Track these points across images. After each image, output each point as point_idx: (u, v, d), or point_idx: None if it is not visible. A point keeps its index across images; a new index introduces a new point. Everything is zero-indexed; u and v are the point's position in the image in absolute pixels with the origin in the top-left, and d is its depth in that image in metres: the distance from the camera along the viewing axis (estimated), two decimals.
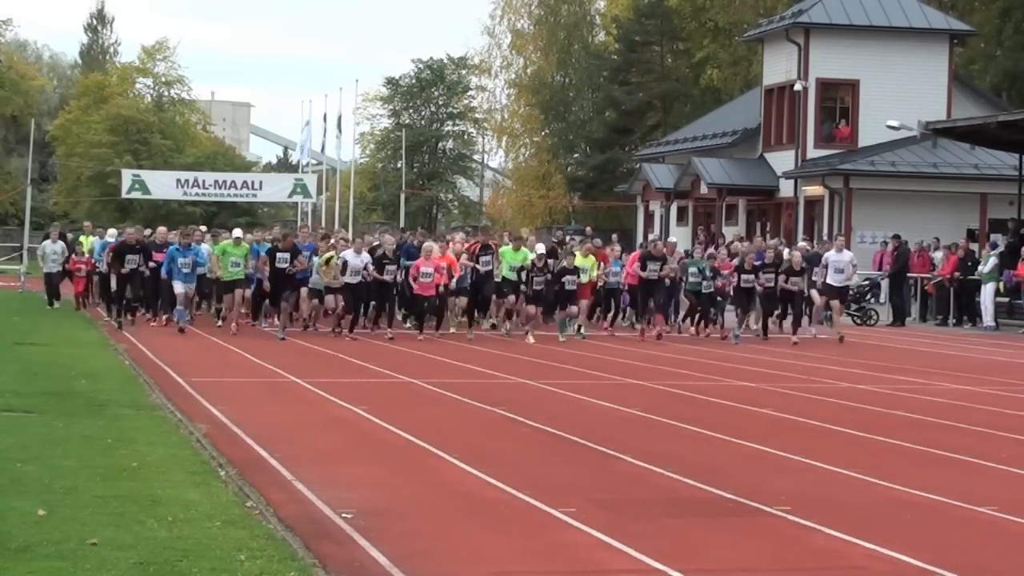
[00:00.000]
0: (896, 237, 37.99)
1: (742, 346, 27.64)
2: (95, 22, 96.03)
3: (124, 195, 54.85)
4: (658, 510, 10.34)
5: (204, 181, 54.34)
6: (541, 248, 29.72)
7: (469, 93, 79.67)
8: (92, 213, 70.90)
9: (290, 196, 55.88)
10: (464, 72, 78.94)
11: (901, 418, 16.49)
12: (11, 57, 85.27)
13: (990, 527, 10.06)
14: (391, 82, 78.67)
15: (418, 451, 13.03)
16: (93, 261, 33.67)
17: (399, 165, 70.81)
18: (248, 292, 28.81)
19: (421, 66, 78.41)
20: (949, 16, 51.32)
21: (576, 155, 76.60)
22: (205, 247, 30.01)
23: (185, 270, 28.48)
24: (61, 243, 35.37)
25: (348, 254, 27.55)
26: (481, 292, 29.49)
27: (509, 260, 28.96)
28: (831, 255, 30.62)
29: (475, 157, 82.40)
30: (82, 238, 36.15)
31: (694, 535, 9.52)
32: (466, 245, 30.40)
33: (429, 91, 78.40)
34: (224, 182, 54.82)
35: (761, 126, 50.70)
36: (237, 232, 29.86)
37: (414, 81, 78.41)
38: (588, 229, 41.85)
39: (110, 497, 9.97)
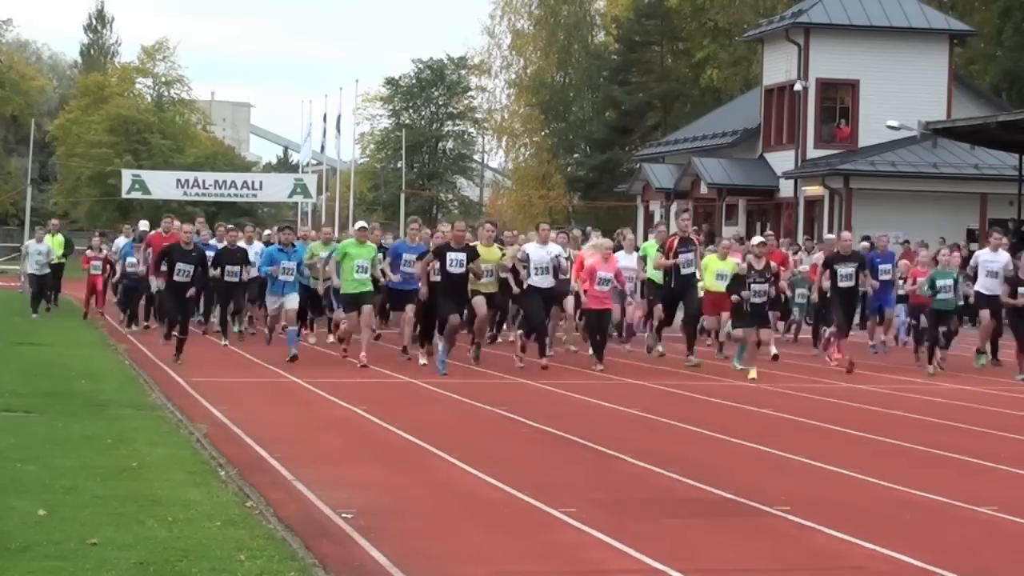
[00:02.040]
0: (866, 238, 37.34)
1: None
2: (95, 22, 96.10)
3: (124, 195, 55.01)
4: (658, 510, 10.34)
5: (204, 181, 54.48)
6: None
7: (469, 93, 79.80)
8: (92, 213, 71.05)
9: (290, 196, 56.03)
10: (464, 72, 79.05)
11: (901, 418, 16.49)
12: (11, 57, 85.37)
13: (990, 527, 10.06)
14: (391, 82, 78.79)
15: (418, 451, 13.03)
16: (109, 259, 30.33)
17: (399, 165, 70.89)
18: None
19: (421, 66, 78.54)
20: (949, 16, 51.30)
21: (576, 155, 76.62)
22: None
23: (286, 278, 22.30)
24: (47, 243, 32.43)
25: (531, 247, 21.59)
26: (682, 305, 21.91)
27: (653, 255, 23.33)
28: (983, 255, 24.42)
29: (475, 157, 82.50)
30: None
31: (694, 535, 9.52)
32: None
33: (429, 91, 78.51)
34: (224, 182, 54.96)
35: (761, 126, 50.68)
36: (362, 223, 22.74)
37: (414, 81, 78.52)
38: (588, 229, 41.78)
39: (110, 497, 9.97)
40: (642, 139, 66.19)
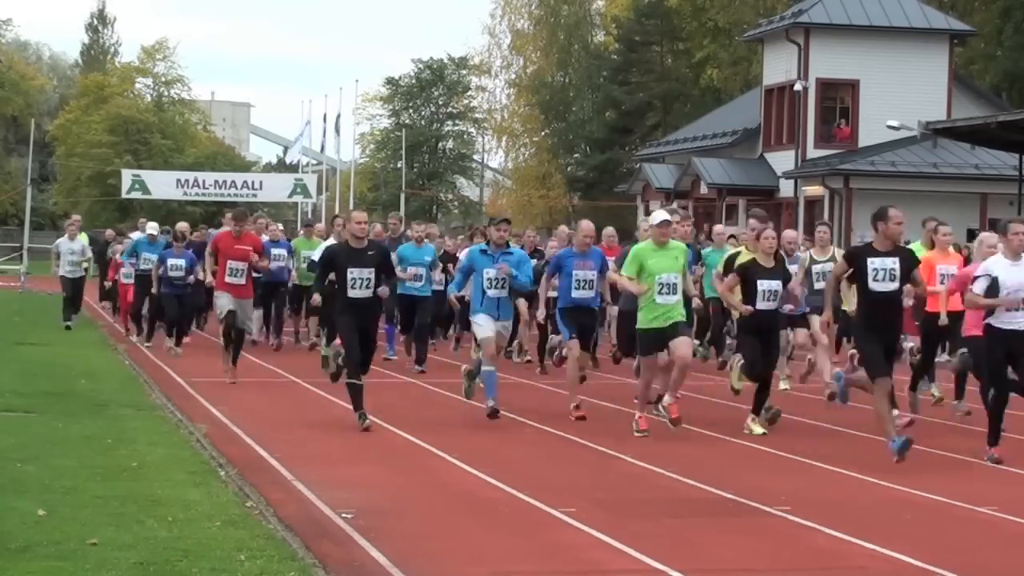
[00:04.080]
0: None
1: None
2: (96, 22, 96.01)
3: (124, 195, 55.04)
4: (658, 510, 10.34)
5: (204, 181, 54.54)
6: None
7: (469, 93, 79.84)
8: (92, 213, 71.02)
9: (290, 196, 56.05)
10: (464, 72, 79.09)
11: (901, 418, 16.46)
12: (11, 57, 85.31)
13: (990, 527, 10.06)
14: (391, 82, 78.84)
15: (418, 451, 13.04)
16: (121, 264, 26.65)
17: (399, 165, 70.89)
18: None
19: (421, 66, 78.59)
20: (949, 16, 51.31)
21: (576, 155, 76.63)
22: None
23: (498, 292, 15.46)
24: (81, 241, 28.62)
25: (997, 263, 13.23)
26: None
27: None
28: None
29: (475, 157, 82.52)
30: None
31: (694, 535, 9.52)
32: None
33: (429, 91, 78.57)
34: (224, 182, 55.03)
35: (761, 126, 50.69)
36: (663, 214, 14.88)
37: (414, 81, 78.58)
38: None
39: (110, 497, 9.98)
40: (642, 139, 66.22)
